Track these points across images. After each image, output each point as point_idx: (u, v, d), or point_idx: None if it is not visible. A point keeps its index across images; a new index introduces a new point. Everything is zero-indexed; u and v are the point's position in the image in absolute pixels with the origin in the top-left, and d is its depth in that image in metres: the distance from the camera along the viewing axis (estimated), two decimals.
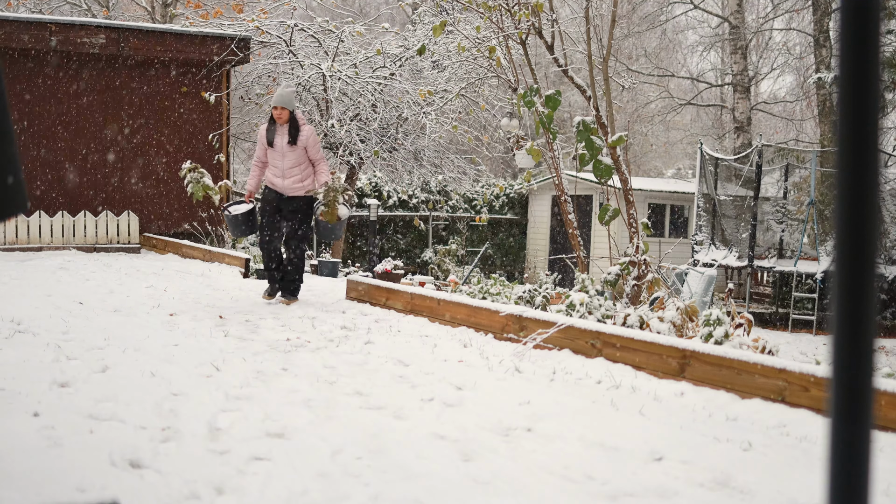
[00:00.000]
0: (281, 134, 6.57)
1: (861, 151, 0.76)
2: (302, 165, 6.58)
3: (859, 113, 0.76)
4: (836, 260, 0.77)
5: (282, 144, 6.54)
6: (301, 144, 6.54)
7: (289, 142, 6.51)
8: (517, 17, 8.40)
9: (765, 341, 4.97)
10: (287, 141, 6.52)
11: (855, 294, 0.74)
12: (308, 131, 6.58)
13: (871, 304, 0.75)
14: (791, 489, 2.79)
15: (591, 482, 2.76)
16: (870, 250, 0.75)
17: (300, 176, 6.60)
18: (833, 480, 0.76)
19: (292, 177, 6.57)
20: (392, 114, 13.60)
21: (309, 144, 6.56)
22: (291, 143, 6.50)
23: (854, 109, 0.76)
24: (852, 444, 0.75)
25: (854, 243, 0.75)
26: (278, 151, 6.56)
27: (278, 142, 6.56)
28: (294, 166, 6.55)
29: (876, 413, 0.78)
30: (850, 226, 0.75)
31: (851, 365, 0.75)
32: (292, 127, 6.53)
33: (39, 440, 2.75)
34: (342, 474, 2.70)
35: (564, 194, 9.19)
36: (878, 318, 0.77)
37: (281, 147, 6.54)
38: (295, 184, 6.60)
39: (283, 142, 6.53)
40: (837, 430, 0.76)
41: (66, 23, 11.44)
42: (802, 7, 19.88)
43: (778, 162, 14.92)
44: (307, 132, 6.58)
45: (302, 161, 6.57)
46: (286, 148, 6.52)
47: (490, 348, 5.27)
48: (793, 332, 13.50)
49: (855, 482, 0.76)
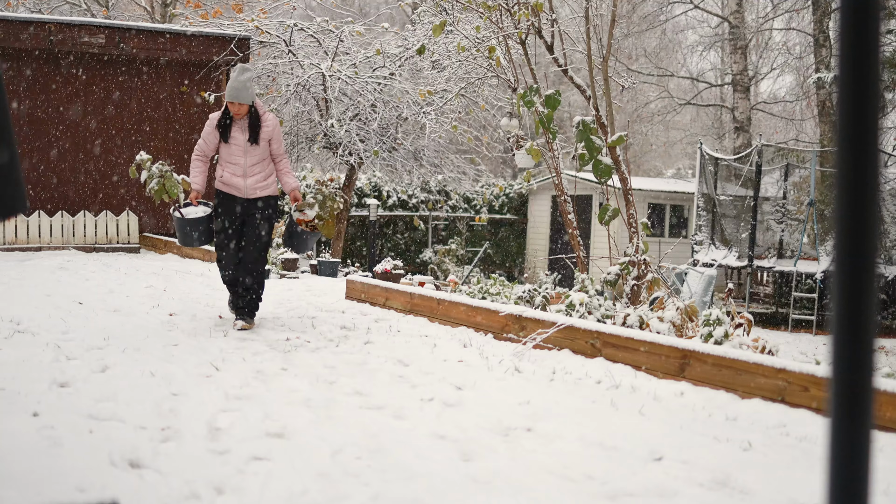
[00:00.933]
0: (240, 128, 5.58)
1: (861, 151, 0.76)
2: (265, 161, 5.67)
3: (859, 113, 0.76)
4: (835, 260, 0.76)
5: (242, 140, 5.58)
6: (265, 138, 5.61)
7: (249, 139, 5.57)
8: (517, 17, 8.40)
9: (764, 341, 4.97)
10: (248, 138, 5.58)
11: (855, 294, 0.74)
12: (272, 122, 5.65)
13: (872, 304, 0.75)
14: (791, 489, 2.79)
15: (590, 482, 2.76)
16: (870, 250, 0.75)
17: (263, 174, 5.66)
18: (833, 480, 0.76)
19: (255, 174, 5.62)
20: (392, 113, 13.60)
21: (273, 137, 5.64)
22: (252, 140, 5.57)
23: (854, 109, 0.76)
24: (852, 443, 0.75)
25: (854, 243, 0.75)
26: (238, 147, 5.60)
27: (237, 137, 5.58)
28: (257, 163, 5.62)
29: (876, 413, 0.78)
30: (850, 226, 0.75)
31: (851, 365, 0.75)
32: (254, 120, 5.56)
33: (39, 440, 2.75)
34: (342, 474, 2.70)
35: (564, 194, 9.19)
36: (877, 318, 0.77)
37: (241, 143, 5.58)
38: (258, 182, 5.64)
39: (244, 138, 5.58)
40: (837, 430, 0.75)
41: (66, 22, 11.43)
42: (802, 7, 19.88)
43: (778, 162, 14.92)
44: (271, 123, 5.63)
45: (265, 156, 5.66)
46: (247, 145, 5.59)
47: (490, 348, 5.27)
48: (793, 332, 13.50)
49: (855, 482, 0.76)
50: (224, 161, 5.63)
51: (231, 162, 5.60)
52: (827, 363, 1.38)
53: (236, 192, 5.61)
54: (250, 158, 5.60)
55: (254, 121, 5.57)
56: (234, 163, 5.59)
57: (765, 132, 23.34)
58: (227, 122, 5.58)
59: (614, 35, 8.84)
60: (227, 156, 5.62)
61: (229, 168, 5.61)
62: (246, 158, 5.59)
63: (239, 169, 5.59)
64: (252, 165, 5.61)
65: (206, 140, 5.64)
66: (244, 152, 5.58)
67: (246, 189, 5.61)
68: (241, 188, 5.61)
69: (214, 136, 5.62)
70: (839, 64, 0.78)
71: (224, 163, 5.63)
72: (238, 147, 5.58)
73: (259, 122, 5.57)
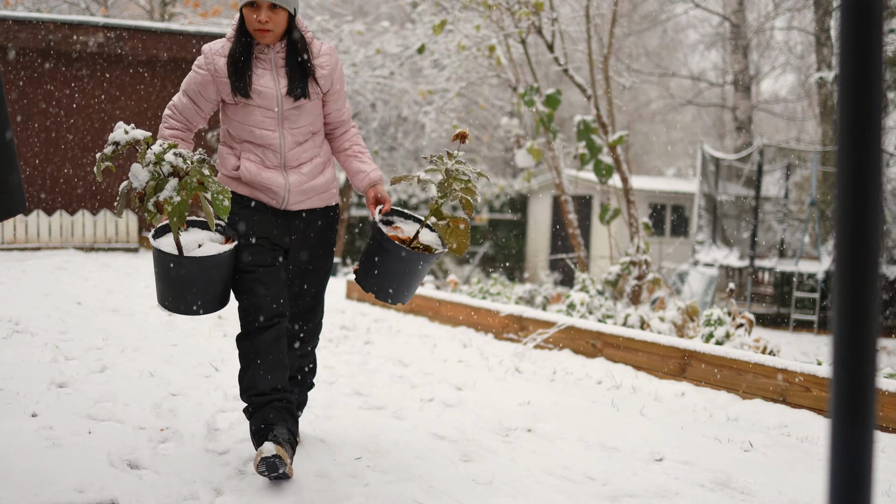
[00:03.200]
0: (269, 67, 2.79)
1: (862, 151, 0.75)
2: (316, 137, 2.94)
3: (860, 112, 0.75)
4: (837, 260, 0.76)
5: (276, 92, 2.79)
6: (322, 86, 2.86)
7: (291, 89, 2.79)
8: (517, 16, 8.39)
9: (766, 341, 4.96)
10: (287, 87, 2.79)
11: (857, 294, 0.74)
12: (332, 57, 2.91)
13: (874, 305, 0.74)
14: (792, 490, 2.78)
15: (591, 483, 2.75)
16: (872, 250, 0.74)
17: (315, 162, 2.93)
18: (835, 481, 0.76)
19: (303, 163, 2.90)
20: (392, 113, 13.60)
21: (334, 85, 2.90)
22: (298, 91, 2.79)
23: (855, 109, 0.75)
24: (854, 444, 0.74)
25: (856, 243, 0.74)
26: (268, 108, 2.80)
27: (267, 86, 2.78)
28: (305, 140, 2.89)
29: (877, 413, 0.77)
30: (852, 226, 0.74)
31: (853, 365, 0.74)
32: (295, 49, 2.81)
33: (38, 440, 2.74)
34: (342, 474, 2.69)
35: (564, 194, 9.19)
36: (879, 319, 0.76)
37: (274, 97, 2.79)
38: (310, 181, 2.91)
39: (279, 87, 2.79)
40: (839, 431, 0.75)
41: (65, 21, 11.44)
42: (804, 6, 19.87)
43: (779, 161, 14.92)
44: (329, 59, 2.89)
45: (317, 127, 2.93)
46: (287, 100, 2.81)
47: (490, 348, 5.26)
48: (794, 333, 13.49)
49: (856, 483, 0.75)
50: (239, 138, 2.84)
51: (255, 141, 2.80)
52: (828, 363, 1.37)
53: (270, 200, 2.85)
54: (293, 131, 2.83)
55: (295, 51, 2.79)
56: (263, 142, 2.80)
57: (766, 132, 23.35)
58: (244, 56, 2.75)
59: (615, 34, 8.84)
60: (246, 127, 2.80)
61: (254, 152, 2.82)
62: (284, 131, 2.81)
63: (273, 154, 2.82)
64: (297, 146, 2.85)
65: (191, 94, 2.82)
66: (280, 119, 2.80)
67: (288, 193, 2.84)
68: (278, 192, 2.83)
69: (213, 87, 2.79)
70: (840, 63, 0.77)
71: (240, 142, 2.84)
72: (268, 108, 2.77)
73: (308, 53, 2.81)
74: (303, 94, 2.78)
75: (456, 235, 2.93)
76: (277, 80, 2.77)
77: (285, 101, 2.78)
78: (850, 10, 0.76)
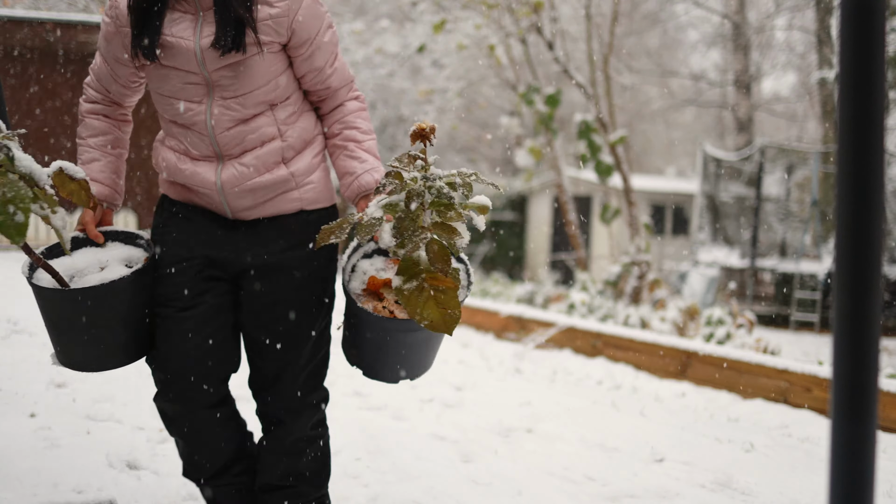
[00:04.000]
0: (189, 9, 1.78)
1: (863, 151, 0.74)
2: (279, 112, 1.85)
3: (861, 112, 0.74)
4: (838, 259, 0.75)
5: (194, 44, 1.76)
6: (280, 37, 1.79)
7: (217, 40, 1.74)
8: (517, 15, 8.38)
9: (767, 341, 4.95)
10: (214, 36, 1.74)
11: (858, 294, 0.73)
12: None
13: (875, 305, 0.73)
14: (793, 490, 2.77)
15: (591, 483, 2.74)
16: (874, 250, 0.73)
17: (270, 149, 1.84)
18: (836, 481, 0.75)
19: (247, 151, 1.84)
20: (391, 113, 13.60)
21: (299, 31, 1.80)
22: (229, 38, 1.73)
23: (855, 109, 0.75)
24: (855, 445, 0.74)
25: (858, 243, 0.73)
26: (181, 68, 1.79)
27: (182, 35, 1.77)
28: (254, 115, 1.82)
29: (879, 414, 0.77)
30: (854, 225, 0.73)
31: (854, 365, 0.73)
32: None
33: (36, 441, 2.74)
34: (341, 475, 2.68)
35: (565, 194, 9.18)
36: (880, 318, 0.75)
37: (192, 52, 1.76)
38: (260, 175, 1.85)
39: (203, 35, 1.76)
40: (840, 431, 0.74)
41: (64, 20, 11.44)
42: (805, 5, 19.87)
43: (780, 161, 14.92)
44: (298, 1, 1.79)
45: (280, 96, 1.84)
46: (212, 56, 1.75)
47: (490, 348, 5.25)
48: (795, 333, 13.49)
49: (858, 483, 0.74)
50: (165, 118, 1.92)
51: (178, 120, 1.87)
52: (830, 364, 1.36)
53: (209, 204, 1.91)
54: (229, 103, 1.81)
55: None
56: (186, 121, 1.84)
57: (767, 131, 23.35)
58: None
59: (615, 33, 8.82)
60: (164, 98, 1.87)
61: (176, 137, 1.90)
62: (213, 103, 1.81)
63: (200, 139, 1.85)
64: (238, 124, 1.82)
65: (103, 53, 1.92)
66: (209, 85, 1.80)
67: (224, 196, 1.87)
68: (208, 194, 1.88)
69: (118, 41, 1.86)
70: (840, 62, 0.77)
71: (167, 123, 1.92)
72: (184, 69, 1.80)
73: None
74: (234, 47, 1.71)
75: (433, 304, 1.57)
76: (199, 29, 1.74)
77: (209, 57, 1.73)
78: (851, 9, 0.75)
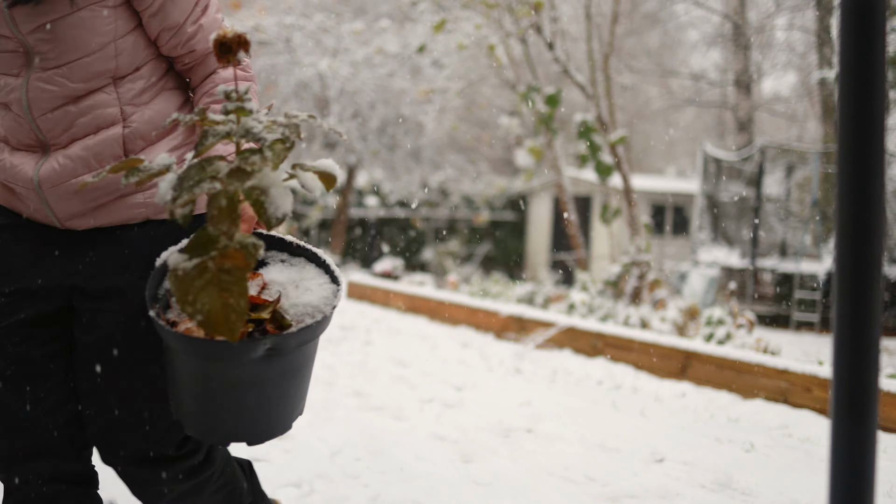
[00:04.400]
0: None
1: (863, 151, 0.74)
2: (125, 87, 1.35)
3: (861, 112, 0.74)
4: (838, 260, 0.75)
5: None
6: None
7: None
8: (517, 15, 8.38)
9: (767, 341, 4.95)
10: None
11: (859, 294, 0.73)
12: None
13: (876, 304, 0.73)
14: (793, 491, 2.77)
15: (591, 483, 2.74)
16: (874, 250, 0.73)
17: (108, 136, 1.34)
18: (836, 482, 0.75)
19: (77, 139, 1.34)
20: (391, 112, 13.61)
21: None
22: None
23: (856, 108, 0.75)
24: (856, 445, 0.74)
25: (858, 243, 0.73)
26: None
27: None
28: (87, 93, 1.32)
29: (879, 414, 0.77)
30: (854, 225, 0.73)
31: (855, 365, 0.73)
32: None
33: None
34: (341, 475, 2.68)
35: (565, 194, 9.18)
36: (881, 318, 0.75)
37: (1, 9, 1.26)
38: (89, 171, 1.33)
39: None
40: (841, 431, 0.74)
41: None
42: (805, 5, 19.86)
43: (780, 161, 14.92)
44: None
45: (125, 67, 1.34)
46: (22, 14, 1.26)
47: (490, 349, 5.25)
48: (796, 333, 13.49)
49: (858, 483, 0.74)
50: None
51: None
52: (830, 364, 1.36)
53: (34, 209, 1.39)
54: (49, 75, 1.30)
55: None
56: (3, 100, 1.35)
57: (767, 131, 23.35)
58: None
59: (616, 33, 8.82)
60: None
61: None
62: (31, 76, 1.31)
63: (18, 122, 1.35)
64: (66, 103, 1.32)
65: None
66: (29, 53, 1.30)
67: (42, 196, 1.35)
68: (26, 194, 1.38)
69: None
70: (840, 62, 0.77)
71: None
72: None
73: None
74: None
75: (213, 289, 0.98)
76: None
77: (19, 14, 1.26)
78: (851, 9, 0.75)
